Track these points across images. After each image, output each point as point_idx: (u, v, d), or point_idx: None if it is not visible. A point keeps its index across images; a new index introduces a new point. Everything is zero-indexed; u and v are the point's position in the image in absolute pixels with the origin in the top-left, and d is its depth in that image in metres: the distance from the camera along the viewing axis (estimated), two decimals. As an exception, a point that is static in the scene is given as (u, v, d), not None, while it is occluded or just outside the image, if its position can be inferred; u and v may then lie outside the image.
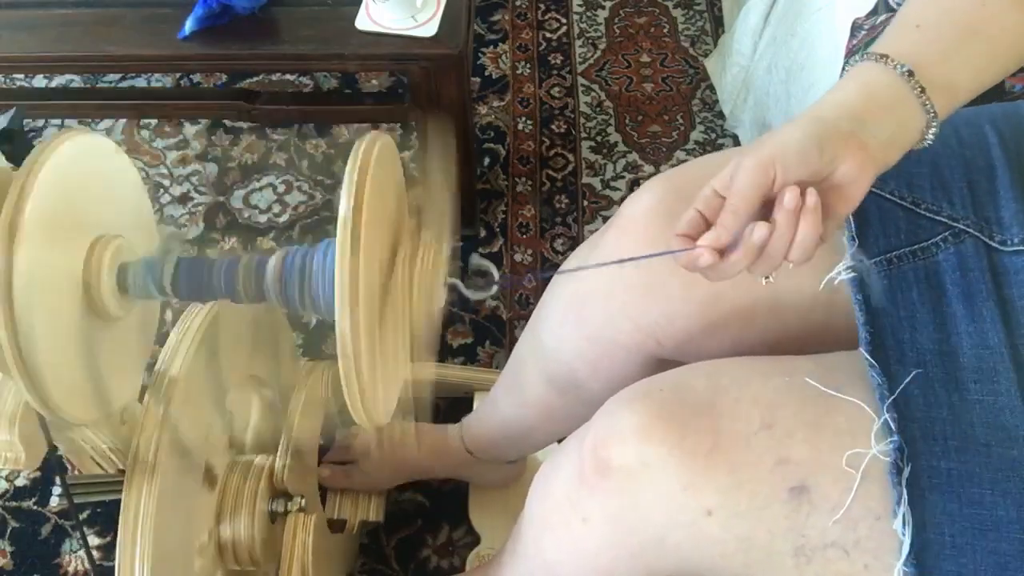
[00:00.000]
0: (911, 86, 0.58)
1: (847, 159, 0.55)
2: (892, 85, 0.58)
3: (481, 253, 1.45)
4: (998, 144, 0.70)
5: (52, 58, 1.18)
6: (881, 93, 0.58)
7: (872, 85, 0.58)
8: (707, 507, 0.61)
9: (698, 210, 0.57)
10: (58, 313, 0.57)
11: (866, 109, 0.57)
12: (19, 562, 1.17)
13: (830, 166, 0.55)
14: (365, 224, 0.54)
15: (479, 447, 1.08)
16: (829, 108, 0.57)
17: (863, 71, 0.59)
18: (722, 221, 0.55)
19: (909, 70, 0.58)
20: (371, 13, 1.15)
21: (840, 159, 0.55)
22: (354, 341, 0.53)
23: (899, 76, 0.58)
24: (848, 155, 0.55)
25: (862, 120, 0.57)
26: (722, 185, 0.57)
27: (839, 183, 0.56)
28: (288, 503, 0.92)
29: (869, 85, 0.58)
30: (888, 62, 0.58)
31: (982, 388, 0.61)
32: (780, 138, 0.56)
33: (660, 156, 1.58)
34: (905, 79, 0.58)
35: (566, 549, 0.71)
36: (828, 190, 0.56)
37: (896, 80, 0.58)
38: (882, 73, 0.58)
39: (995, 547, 0.57)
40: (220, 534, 0.86)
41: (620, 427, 0.64)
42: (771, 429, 0.61)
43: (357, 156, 0.56)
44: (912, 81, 0.58)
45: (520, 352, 0.96)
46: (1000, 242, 0.66)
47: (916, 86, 0.58)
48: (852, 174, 0.56)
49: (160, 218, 1.50)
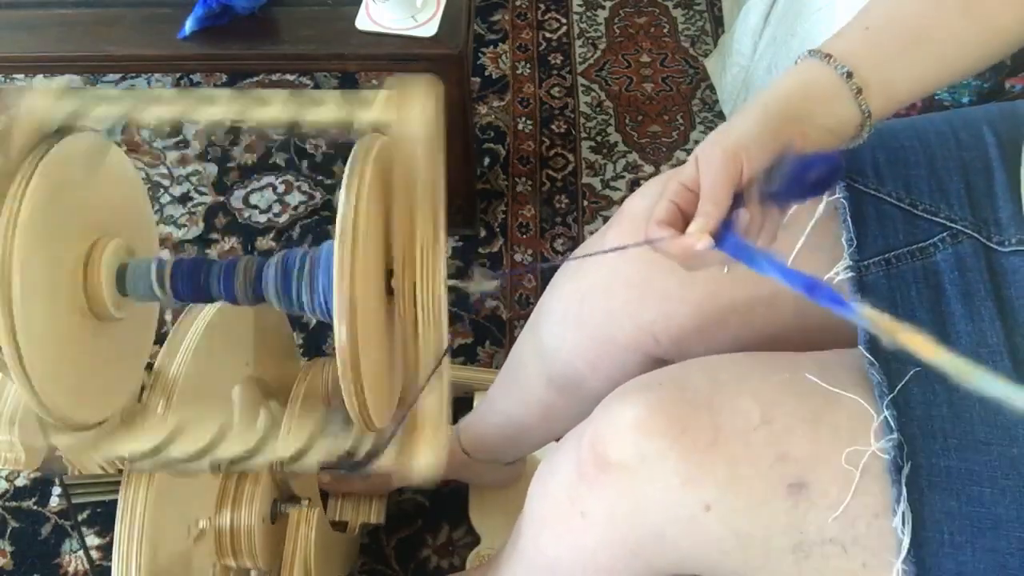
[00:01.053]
0: (849, 86, 0.61)
1: (795, 147, 0.59)
2: (831, 84, 0.61)
3: (481, 253, 1.45)
4: (996, 145, 0.70)
5: (52, 58, 1.18)
6: (820, 90, 0.61)
7: (812, 82, 0.62)
8: (706, 502, 0.61)
9: (673, 202, 0.59)
10: (57, 314, 0.57)
11: (804, 102, 0.61)
12: (19, 562, 1.17)
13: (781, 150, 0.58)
14: (364, 225, 0.54)
15: (475, 448, 1.08)
16: (775, 101, 0.61)
17: (806, 68, 0.63)
18: (706, 210, 0.57)
19: (848, 71, 0.61)
20: (371, 13, 1.15)
21: (789, 146, 0.58)
22: (352, 345, 0.53)
23: (838, 76, 0.61)
24: (796, 144, 0.59)
25: (801, 112, 0.61)
26: (689, 179, 0.59)
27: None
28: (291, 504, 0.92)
29: (809, 82, 0.62)
30: (831, 62, 0.62)
31: None
32: (739, 130, 0.59)
33: (660, 156, 1.58)
34: (843, 79, 0.61)
35: (565, 545, 0.71)
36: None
37: (835, 79, 0.61)
38: (823, 71, 0.62)
39: (994, 545, 0.57)
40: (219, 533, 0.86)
41: (619, 422, 0.64)
42: (770, 425, 0.61)
43: (357, 156, 0.56)
44: (850, 82, 0.61)
45: (519, 351, 0.96)
46: (998, 242, 0.66)
47: (854, 87, 0.61)
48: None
49: (160, 218, 1.50)
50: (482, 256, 1.45)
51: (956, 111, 0.76)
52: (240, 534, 0.86)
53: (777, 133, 0.59)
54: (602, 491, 0.66)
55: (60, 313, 0.58)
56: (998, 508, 0.57)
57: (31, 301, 0.54)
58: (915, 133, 0.73)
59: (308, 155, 1.58)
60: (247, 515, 0.86)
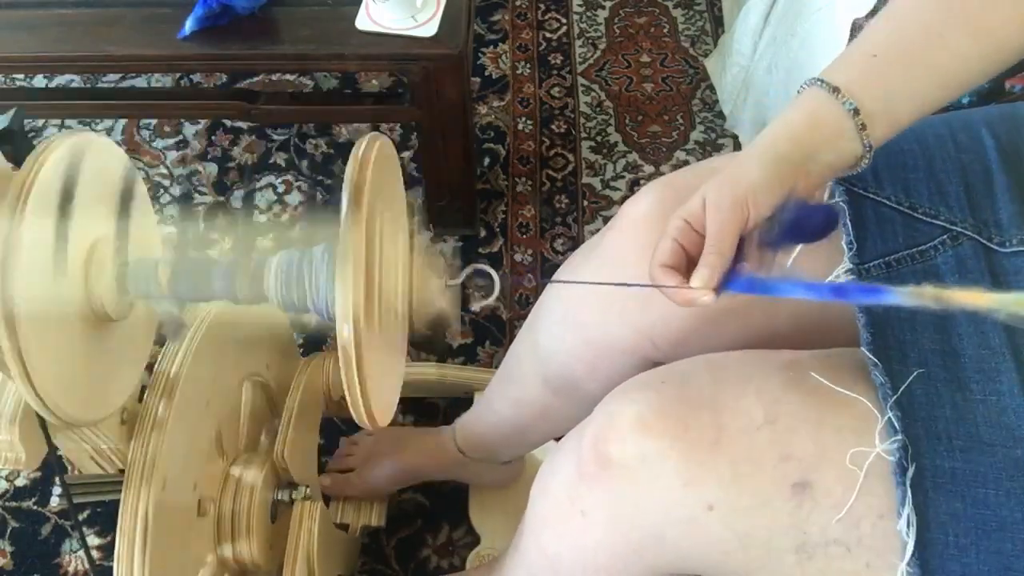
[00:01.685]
0: (855, 123, 0.60)
1: (798, 189, 0.59)
2: (837, 120, 0.60)
3: (481, 253, 1.45)
4: (994, 146, 0.70)
5: (52, 58, 1.18)
6: (826, 127, 0.60)
7: (819, 119, 0.61)
8: (708, 502, 0.61)
9: (678, 241, 0.59)
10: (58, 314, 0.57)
11: (812, 142, 0.60)
12: (19, 562, 1.17)
13: (786, 195, 0.59)
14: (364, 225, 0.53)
15: (471, 447, 1.08)
16: (783, 142, 0.60)
17: (812, 101, 0.61)
18: (710, 263, 0.57)
19: (855, 108, 0.60)
20: (371, 13, 1.15)
21: (796, 186, 0.59)
22: (355, 344, 0.53)
23: (845, 112, 0.60)
24: (799, 185, 0.59)
25: (809, 152, 0.60)
26: (692, 216, 0.59)
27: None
28: (293, 492, 0.92)
29: (816, 119, 0.61)
30: (838, 96, 0.60)
31: (985, 388, 0.61)
32: (746, 177, 0.58)
33: (660, 156, 1.58)
34: (850, 116, 0.60)
35: (566, 544, 0.71)
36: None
37: (842, 116, 0.60)
38: (830, 107, 0.61)
39: (999, 547, 0.57)
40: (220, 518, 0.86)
41: (620, 421, 0.64)
42: (774, 424, 0.61)
43: (357, 156, 0.56)
44: (856, 119, 0.60)
45: (516, 352, 0.96)
46: (999, 244, 0.66)
47: (860, 123, 0.60)
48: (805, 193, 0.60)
49: (160, 218, 1.50)
50: (482, 256, 1.45)
51: (954, 113, 0.76)
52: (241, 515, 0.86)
53: (784, 179, 0.59)
54: (603, 490, 0.66)
55: (61, 312, 0.58)
56: (1003, 510, 0.57)
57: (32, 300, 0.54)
58: (913, 136, 0.73)
59: (308, 155, 1.58)
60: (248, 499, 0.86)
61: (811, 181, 0.60)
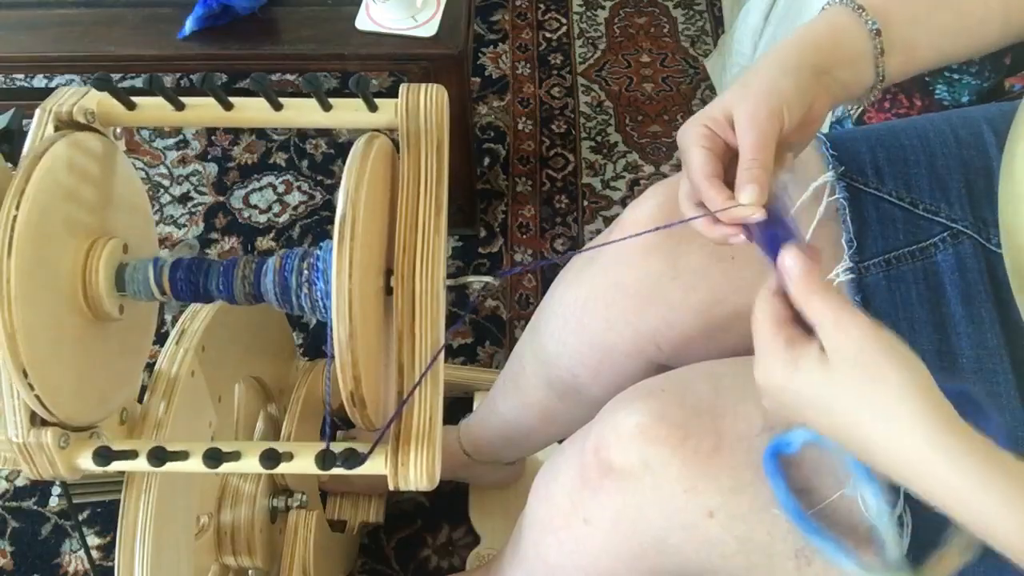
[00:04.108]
0: (874, 45, 0.58)
1: (818, 101, 0.57)
2: (858, 39, 0.59)
3: (481, 253, 1.45)
4: (995, 144, 0.70)
5: (52, 58, 1.18)
6: (847, 44, 0.59)
7: (841, 33, 0.59)
8: (709, 508, 0.61)
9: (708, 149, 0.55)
10: (56, 314, 0.57)
11: (832, 55, 0.58)
12: (19, 562, 1.17)
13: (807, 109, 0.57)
14: (363, 225, 0.53)
15: (477, 449, 1.08)
16: (808, 51, 0.58)
17: (837, 16, 0.59)
18: (756, 178, 0.53)
19: (878, 29, 0.58)
20: (371, 13, 1.15)
21: (815, 100, 0.57)
22: (351, 345, 0.53)
23: (867, 32, 0.58)
24: (820, 97, 0.57)
25: (829, 65, 0.58)
26: (714, 122, 0.56)
27: (808, 121, 0.57)
28: (289, 499, 0.92)
29: (838, 32, 0.59)
30: (862, 15, 0.59)
31: (981, 389, 0.61)
32: (778, 87, 0.55)
33: (660, 156, 1.58)
34: (871, 37, 0.58)
35: (568, 550, 0.71)
36: (797, 127, 0.57)
37: (863, 35, 0.59)
38: (852, 23, 0.59)
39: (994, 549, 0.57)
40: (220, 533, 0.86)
41: (622, 428, 0.64)
42: (773, 431, 0.61)
43: (356, 156, 0.56)
44: (876, 40, 0.58)
45: (519, 356, 0.96)
46: (996, 244, 0.66)
47: (878, 47, 0.58)
48: (819, 113, 0.58)
49: (160, 218, 1.50)
50: (482, 256, 1.45)
51: (955, 111, 0.76)
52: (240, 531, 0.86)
53: (807, 89, 0.56)
54: (605, 497, 0.66)
55: (59, 313, 0.58)
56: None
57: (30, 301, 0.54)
58: (915, 132, 0.73)
59: (308, 155, 1.58)
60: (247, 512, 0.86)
61: (826, 99, 0.58)
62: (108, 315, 0.61)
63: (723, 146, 0.55)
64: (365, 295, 0.54)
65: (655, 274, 0.74)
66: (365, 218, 0.54)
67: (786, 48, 0.58)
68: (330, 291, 0.53)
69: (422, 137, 0.60)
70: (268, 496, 0.90)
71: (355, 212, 0.53)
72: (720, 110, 0.55)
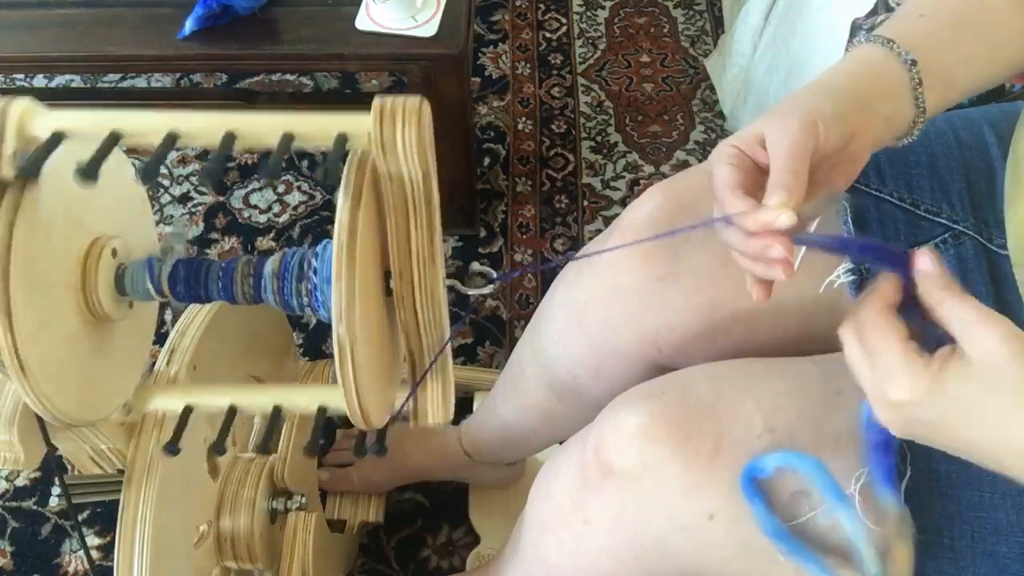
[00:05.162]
0: (910, 76, 0.57)
1: (860, 134, 0.54)
2: (894, 71, 0.57)
3: (481, 253, 1.45)
4: (996, 145, 0.70)
5: (52, 58, 1.18)
6: (884, 79, 0.57)
7: (877, 69, 0.57)
8: (709, 511, 0.61)
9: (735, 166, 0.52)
10: (55, 315, 0.57)
11: (871, 91, 0.56)
12: (19, 562, 1.17)
13: (847, 139, 0.54)
14: (363, 225, 0.53)
15: (478, 450, 1.08)
16: (843, 79, 0.56)
17: (868, 53, 0.58)
18: (785, 182, 0.50)
19: (913, 59, 0.57)
20: (371, 13, 1.15)
21: (856, 133, 0.54)
22: (351, 345, 0.53)
23: (902, 64, 0.57)
24: (861, 130, 0.54)
25: (867, 98, 0.56)
26: (744, 143, 0.53)
27: (849, 156, 0.55)
28: (288, 501, 0.92)
29: (872, 66, 0.57)
30: (894, 48, 0.57)
31: None
32: (811, 105, 0.53)
33: (660, 156, 1.58)
34: (907, 68, 0.57)
35: (567, 550, 0.71)
36: (837, 163, 0.55)
37: (898, 68, 0.57)
38: (886, 58, 0.57)
39: (994, 549, 0.57)
40: (220, 533, 0.86)
41: (622, 429, 0.64)
42: (773, 433, 0.61)
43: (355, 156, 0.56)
44: (913, 71, 0.57)
45: (520, 357, 0.95)
46: (998, 245, 0.66)
47: (915, 77, 0.57)
48: (862, 148, 0.55)
49: (160, 218, 1.50)
50: (482, 256, 1.44)
51: (955, 112, 0.76)
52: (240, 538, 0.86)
53: (847, 115, 0.53)
54: (605, 498, 0.66)
55: (59, 314, 0.58)
56: (998, 513, 0.57)
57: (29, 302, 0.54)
58: None
59: (308, 155, 1.58)
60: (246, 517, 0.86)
61: (869, 133, 0.55)
62: (108, 316, 0.61)
63: (751, 164, 0.53)
64: (365, 296, 0.54)
65: (656, 276, 0.74)
66: (365, 218, 0.54)
67: (818, 81, 0.56)
68: (329, 291, 0.53)
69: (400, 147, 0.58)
70: (267, 498, 0.90)
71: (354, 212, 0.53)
72: (750, 131, 0.54)
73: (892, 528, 0.53)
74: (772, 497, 0.58)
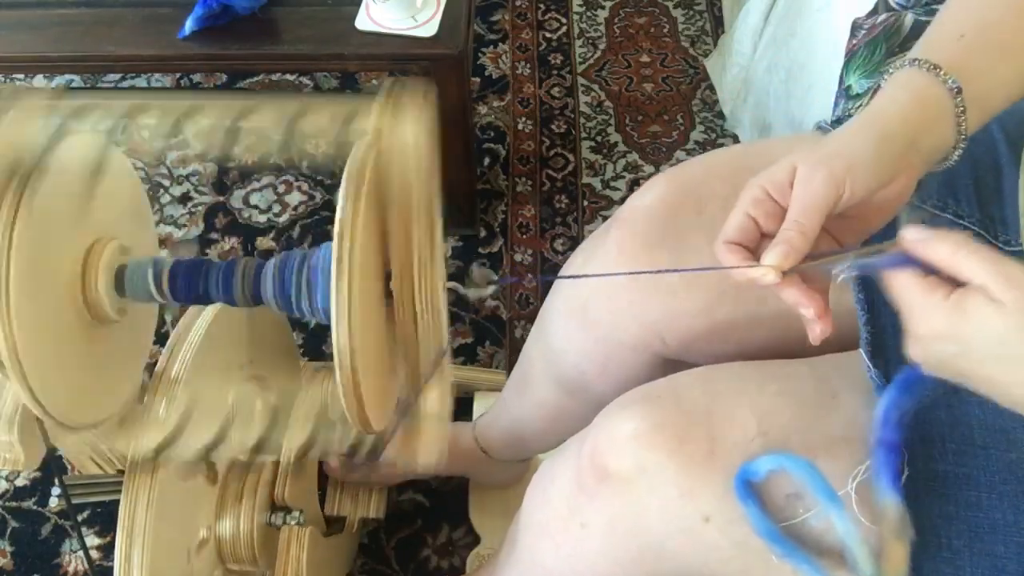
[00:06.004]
0: (955, 104, 0.55)
1: (899, 179, 0.54)
2: (940, 100, 0.55)
3: (481, 253, 1.45)
4: (1004, 141, 0.69)
5: (52, 58, 1.18)
6: (930, 108, 0.55)
7: (925, 99, 0.55)
8: (704, 513, 0.61)
9: (750, 216, 0.53)
10: (55, 316, 0.57)
11: (919, 126, 0.55)
12: (19, 562, 1.17)
13: (885, 185, 0.54)
14: (362, 226, 0.53)
15: (493, 446, 1.08)
16: (893, 120, 0.54)
17: (915, 80, 0.56)
18: (790, 240, 0.50)
19: (959, 87, 0.55)
20: (371, 13, 1.15)
21: (895, 179, 0.54)
22: (351, 350, 0.53)
23: (947, 91, 0.55)
24: (902, 176, 0.54)
25: (913, 137, 0.54)
26: (774, 185, 0.53)
27: (886, 198, 0.54)
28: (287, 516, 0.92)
29: (922, 98, 0.55)
30: (939, 74, 0.55)
31: None
32: (849, 150, 0.52)
33: (660, 156, 1.58)
34: (952, 96, 0.55)
35: (565, 554, 0.71)
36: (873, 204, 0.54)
37: (944, 96, 0.55)
38: (933, 86, 0.55)
39: (992, 549, 0.57)
40: (219, 534, 0.86)
41: (617, 433, 0.64)
42: (767, 436, 0.61)
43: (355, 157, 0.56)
44: (958, 99, 0.55)
45: (528, 353, 0.95)
46: (1004, 242, 0.66)
47: (960, 105, 0.55)
48: (901, 192, 0.55)
49: (160, 218, 1.50)
50: (482, 256, 1.45)
51: None
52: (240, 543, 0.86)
53: (889, 161, 0.52)
54: (602, 502, 0.66)
55: (58, 314, 0.58)
56: (995, 513, 0.57)
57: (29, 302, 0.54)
58: None
59: (308, 155, 1.58)
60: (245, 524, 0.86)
61: (914, 175, 0.54)
62: (108, 316, 0.61)
63: (773, 209, 0.53)
64: (365, 298, 0.54)
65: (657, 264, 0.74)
66: (365, 219, 0.54)
67: (867, 115, 0.55)
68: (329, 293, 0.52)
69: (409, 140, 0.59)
70: (266, 512, 0.90)
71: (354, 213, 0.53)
72: (784, 172, 0.53)
73: (888, 527, 0.54)
74: (767, 499, 0.59)
